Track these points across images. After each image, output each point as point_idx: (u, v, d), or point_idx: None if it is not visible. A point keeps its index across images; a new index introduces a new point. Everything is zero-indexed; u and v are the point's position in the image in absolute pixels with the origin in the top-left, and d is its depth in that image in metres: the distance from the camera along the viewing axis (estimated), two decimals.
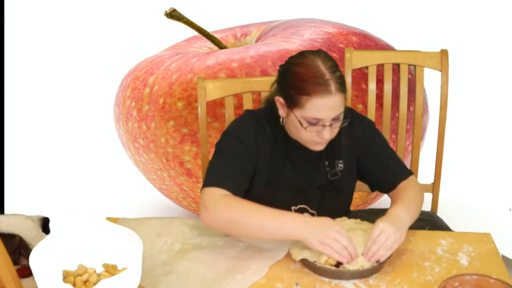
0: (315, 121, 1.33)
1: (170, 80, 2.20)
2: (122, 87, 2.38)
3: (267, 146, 1.44)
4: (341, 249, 1.25)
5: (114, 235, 1.21)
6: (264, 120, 1.46)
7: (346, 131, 1.46)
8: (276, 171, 1.46)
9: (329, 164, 1.48)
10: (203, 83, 1.77)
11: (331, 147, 1.46)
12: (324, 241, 1.25)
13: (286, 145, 1.46)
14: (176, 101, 2.15)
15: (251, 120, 1.46)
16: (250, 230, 1.30)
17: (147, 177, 2.43)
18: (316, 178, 1.48)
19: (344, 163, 1.49)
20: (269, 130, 1.45)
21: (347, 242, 1.26)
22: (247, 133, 1.43)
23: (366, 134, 1.50)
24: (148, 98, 2.22)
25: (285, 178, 1.46)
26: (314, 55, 1.34)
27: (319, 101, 1.30)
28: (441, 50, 1.85)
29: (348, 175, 1.50)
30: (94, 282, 1.17)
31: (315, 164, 1.48)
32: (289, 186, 1.47)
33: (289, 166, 1.46)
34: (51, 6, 4.80)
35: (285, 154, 1.46)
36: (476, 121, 3.36)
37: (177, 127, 2.15)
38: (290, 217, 1.29)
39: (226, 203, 1.32)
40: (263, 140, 1.44)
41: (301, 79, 1.32)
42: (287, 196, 1.47)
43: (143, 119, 2.23)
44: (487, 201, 2.64)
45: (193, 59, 2.24)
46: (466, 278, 1.17)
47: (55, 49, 4.44)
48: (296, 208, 1.49)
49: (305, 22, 2.40)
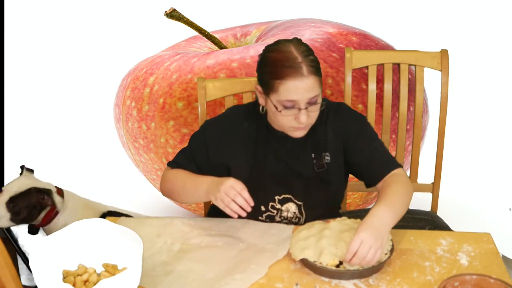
0: (290, 104, 1.36)
1: (170, 80, 2.20)
2: (122, 87, 2.38)
3: (244, 139, 1.49)
4: (229, 202, 1.32)
5: (114, 235, 1.21)
6: (244, 114, 1.51)
7: (332, 124, 1.49)
8: (258, 162, 1.49)
9: (316, 157, 1.49)
10: (203, 83, 1.77)
11: (317, 140, 1.48)
12: (217, 196, 1.34)
13: (268, 136, 1.49)
14: (176, 101, 2.15)
15: (230, 115, 1.53)
16: (181, 196, 1.49)
17: (147, 177, 2.43)
18: (300, 169, 1.49)
19: (330, 156, 1.50)
20: (247, 124, 1.49)
21: (235, 194, 1.32)
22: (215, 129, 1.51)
23: (353, 128, 1.50)
24: (148, 98, 2.22)
25: (267, 168, 1.49)
26: (287, 42, 1.39)
27: (292, 84, 1.34)
28: (441, 50, 1.85)
29: (335, 168, 1.50)
30: (94, 282, 1.17)
31: (298, 155, 1.49)
32: (272, 176, 1.49)
33: (270, 156, 1.49)
34: (51, 6, 4.80)
35: (266, 144, 1.49)
36: (476, 121, 3.36)
37: (177, 127, 2.15)
38: (201, 180, 1.43)
39: (164, 176, 1.52)
40: (238, 134, 1.49)
41: (274, 63, 1.36)
42: (270, 185, 1.49)
43: (143, 119, 2.23)
44: (487, 201, 2.64)
45: (193, 59, 2.24)
46: (466, 278, 1.17)
47: (55, 49, 4.44)
48: (280, 197, 1.50)
49: (305, 22, 2.40)
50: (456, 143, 2.96)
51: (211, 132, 1.52)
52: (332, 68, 2.12)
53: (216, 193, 1.34)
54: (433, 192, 1.92)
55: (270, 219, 1.51)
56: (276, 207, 1.50)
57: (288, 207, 1.50)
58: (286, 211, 1.50)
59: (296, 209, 1.50)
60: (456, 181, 2.71)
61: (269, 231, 1.45)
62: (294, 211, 1.50)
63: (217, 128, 1.52)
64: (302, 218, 1.52)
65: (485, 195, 2.69)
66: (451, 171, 2.36)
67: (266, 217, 1.51)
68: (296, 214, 1.51)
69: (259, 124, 1.49)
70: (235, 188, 1.32)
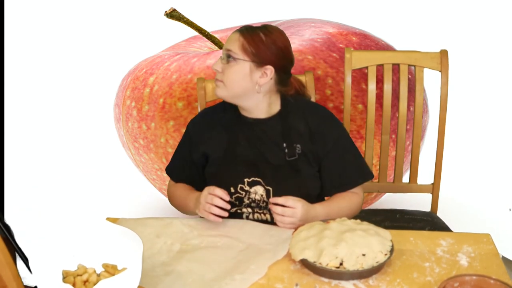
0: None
1: (170, 80, 2.20)
2: (122, 87, 2.38)
3: (218, 128, 1.59)
4: (210, 207, 1.44)
5: (114, 235, 1.21)
6: (219, 108, 1.62)
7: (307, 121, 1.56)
8: (230, 147, 1.57)
9: (287, 146, 1.55)
10: (203, 83, 1.77)
11: (288, 131, 1.56)
12: (200, 208, 1.47)
13: (240, 124, 1.58)
14: (176, 101, 2.15)
15: (205, 111, 1.66)
16: (182, 210, 1.63)
17: (147, 177, 2.43)
18: (271, 156, 1.55)
19: (302, 148, 1.56)
20: (221, 115, 1.60)
21: (211, 198, 1.44)
22: (194, 126, 1.63)
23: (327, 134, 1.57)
24: (148, 98, 2.22)
25: (238, 153, 1.56)
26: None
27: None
28: (441, 50, 1.85)
29: (305, 158, 1.56)
30: (94, 282, 1.17)
31: (270, 143, 1.56)
32: (242, 159, 1.56)
33: (243, 142, 1.57)
34: (51, 6, 4.80)
35: (239, 131, 1.57)
36: (476, 121, 3.36)
37: (177, 127, 2.15)
38: (191, 197, 1.56)
39: (170, 192, 1.68)
40: (212, 126, 1.60)
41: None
42: (240, 168, 1.56)
43: (143, 119, 2.23)
44: (487, 201, 2.64)
45: (193, 59, 2.24)
46: (466, 279, 1.17)
47: (55, 49, 4.44)
48: (249, 180, 1.56)
49: (305, 22, 2.40)
50: (456, 143, 2.96)
51: (193, 128, 1.64)
52: (332, 68, 2.12)
53: (198, 205, 1.48)
54: (433, 192, 1.92)
55: (239, 201, 1.57)
56: (245, 189, 1.56)
57: (256, 190, 1.56)
58: (254, 193, 1.56)
59: (264, 192, 1.56)
60: (456, 181, 2.71)
61: (268, 232, 1.46)
62: (261, 194, 1.56)
63: (197, 123, 1.64)
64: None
65: (485, 195, 2.69)
66: (451, 171, 2.36)
67: (236, 198, 1.57)
68: (263, 197, 1.56)
69: (232, 113, 1.59)
70: (211, 192, 1.45)
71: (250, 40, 1.48)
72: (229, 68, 1.50)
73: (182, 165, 1.66)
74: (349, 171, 1.59)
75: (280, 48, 1.51)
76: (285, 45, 1.52)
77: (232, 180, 1.56)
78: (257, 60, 1.48)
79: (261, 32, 1.50)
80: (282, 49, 1.51)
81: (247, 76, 1.50)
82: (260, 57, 1.49)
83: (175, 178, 1.68)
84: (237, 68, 1.49)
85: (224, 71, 1.50)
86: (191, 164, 1.64)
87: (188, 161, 1.64)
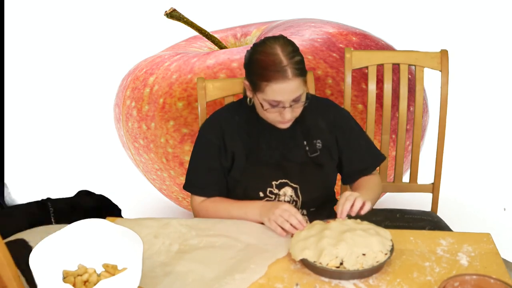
0: (275, 103, 1.44)
1: (170, 80, 2.20)
2: (122, 87, 2.38)
3: (237, 133, 1.55)
4: (282, 222, 1.41)
5: (114, 235, 1.21)
6: (233, 110, 1.59)
7: (321, 114, 1.58)
8: (252, 151, 1.55)
9: (308, 144, 1.57)
10: (203, 83, 1.77)
11: (307, 129, 1.57)
12: (270, 217, 1.43)
13: (258, 127, 1.55)
14: (176, 101, 2.15)
15: (218, 116, 1.60)
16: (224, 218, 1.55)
17: (147, 177, 2.43)
18: (294, 155, 1.56)
19: (322, 142, 1.58)
20: (237, 118, 1.56)
21: (289, 215, 1.41)
22: (214, 131, 1.57)
23: (344, 122, 1.61)
24: (148, 98, 2.22)
25: (261, 156, 1.55)
26: (274, 42, 1.44)
27: (277, 86, 1.41)
28: (441, 50, 1.85)
29: (327, 153, 1.58)
30: (94, 282, 1.17)
31: (290, 143, 1.56)
32: (267, 162, 1.55)
33: (264, 145, 1.55)
34: (51, 6, 4.80)
35: (258, 134, 1.56)
36: (476, 121, 3.36)
37: (177, 127, 2.15)
38: (251, 205, 1.51)
39: (204, 210, 1.57)
40: (232, 130, 1.55)
41: (261, 66, 1.42)
42: (266, 172, 1.56)
43: (143, 119, 2.23)
44: (487, 201, 2.64)
45: (193, 59, 2.24)
46: (466, 278, 1.17)
47: (55, 49, 4.44)
48: (277, 182, 1.56)
49: (305, 22, 2.40)
50: (456, 143, 2.96)
51: (211, 132, 1.57)
52: (332, 68, 2.12)
53: (271, 215, 1.44)
54: (433, 192, 1.92)
55: None
56: (274, 192, 1.57)
57: (285, 191, 1.57)
58: (283, 195, 1.57)
59: (292, 193, 1.57)
60: (456, 181, 2.71)
61: (267, 232, 1.46)
62: (290, 194, 1.57)
63: (214, 127, 1.58)
64: (298, 201, 1.58)
65: (485, 195, 2.69)
66: (451, 171, 2.36)
67: None
68: (293, 197, 1.58)
69: (250, 117, 1.56)
70: (289, 211, 1.42)
71: (304, 72, 1.44)
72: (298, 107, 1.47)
73: (212, 177, 1.57)
74: (367, 155, 1.64)
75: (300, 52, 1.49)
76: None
77: (261, 185, 1.56)
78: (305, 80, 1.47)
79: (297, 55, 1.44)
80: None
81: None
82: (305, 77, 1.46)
83: (209, 193, 1.58)
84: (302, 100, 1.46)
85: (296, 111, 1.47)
86: (220, 173, 1.57)
87: (217, 170, 1.56)
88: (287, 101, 1.43)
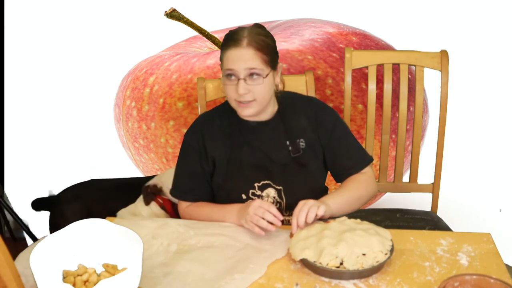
0: (230, 72, 1.45)
1: (170, 80, 2.20)
2: (122, 87, 2.38)
3: (219, 136, 1.55)
4: (258, 220, 1.39)
5: (114, 235, 1.21)
6: (216, 113, 1.58)
7: (305, 113, 1.56)
8: (234, 153, 1.55)
9: (291, 144, 1.55)
10: (203, 83, 1.77)
11: (290, 128, 1.55)
12: (246, 218, 1.42)
13: (241, 128, 1.55)
14: (176, 101, 2.15)
15: (200, 120, 1.59)
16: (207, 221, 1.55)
17: None
18: (276, 155, 1.55)
19: (305, 141, 1.56)
20: (218, 122, 1.56)
21: (263, 212, 1.39)
22: (196, 135, 1.56)
23: (327, 120, 1.58)
24: (148, 98, 2.22)
25: (243, 158, 1.55)
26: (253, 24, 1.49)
27: (230, 53, 1.44)
28: (441, 50, 1.85)
29: (311, 152, 1.57)
30: (94, 282, 1.17)
31: (273, 143, 1.55)
32: (249, 164, 1.54)
33: (245, 146, 1.55)
34: (51, 6, 4.79)
35: (240, 136, 1.55)
36: (476, 121, 3.36)
37: (177, 127, 2.15)
38: (230, 209, 1.50)
39: (188, 214, 1.58)
40: (212, 134, 1.55)
41: (225, 38, 1.48)
42: (248, 174, 1.55)
43: (143, 119, 2.23)
44: (487, 201, 2.64)
45: (193, 59, 2.24)
46: (466, 278, 1.17)
47: (55, 49, 4.43)
48: (259, 184, 1.55)
49: (305, 22, 2.40)
50: (456, 143, 2.96)
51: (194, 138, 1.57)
52: (332, 68, 2.12)
53: (246, 216, 1.43)
54: (433, 192, 1.92)
55: None
56: (257, 194, 1.55)
57: (268, 193, 1.56)
58: (266, 196, 1.56)
59: (275, 194, 1.56)
60: (456, 181, 2.71)
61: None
62: (274, 196, 1.56)
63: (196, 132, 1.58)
64: (282, 202, 1.56)
65: (485, 195, 2.69)
66: (451, 171, 2.36)
67: None
68: (276, 198, 1.56)
69: (232, 119, 1.56)
70: (262, 206, 1.41)
71: (265, 51, 1.45)
72: (258, 86, 1.45)
73: (195, 181, 1.58)
74: (354, 153, 1.59)
75: (274, 41, 1.50)
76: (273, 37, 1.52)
77: (243, 187, 1.55)
78: (273, 65, 1.48)
79: (263, 36, 1.46)
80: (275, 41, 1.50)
81: (272, 84, 1.49)
82: (274, 61, 1.48)
83: (192, 198, 1.59)
84: (266, 81, 1.45)
85: (252, 89, 1.45)
86: (202, 177, 1.57)
87: (200, 174, 1.57)
88: (240, 70, 1.43)
